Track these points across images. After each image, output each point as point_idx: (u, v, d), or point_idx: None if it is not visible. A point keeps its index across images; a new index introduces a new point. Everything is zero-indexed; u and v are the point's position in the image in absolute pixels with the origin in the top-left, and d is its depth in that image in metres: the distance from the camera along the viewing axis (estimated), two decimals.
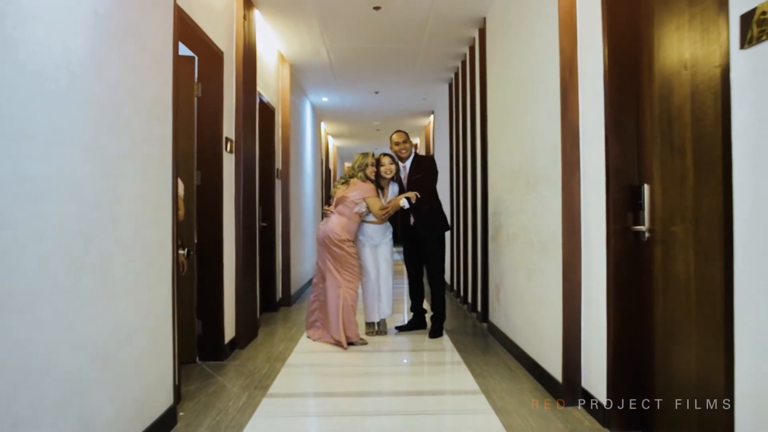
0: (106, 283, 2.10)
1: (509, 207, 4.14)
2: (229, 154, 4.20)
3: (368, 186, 4.58)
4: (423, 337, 4.75)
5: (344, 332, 4.37)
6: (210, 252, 4.00)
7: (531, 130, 3.60)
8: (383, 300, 4.78)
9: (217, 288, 4.02)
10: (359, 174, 4.61)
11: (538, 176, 3.44)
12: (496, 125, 4.64)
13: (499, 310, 4.51)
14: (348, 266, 4.49)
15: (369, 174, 4.62)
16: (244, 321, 4.41)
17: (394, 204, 4.59)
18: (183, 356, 3.85)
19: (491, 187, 4.81)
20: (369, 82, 7.54)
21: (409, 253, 4.93)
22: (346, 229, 4.52)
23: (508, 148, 4.21)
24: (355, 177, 4.61)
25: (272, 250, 6.01)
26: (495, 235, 4.63)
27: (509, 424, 2.72)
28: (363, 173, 4.60)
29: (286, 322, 5.53)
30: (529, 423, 2.74)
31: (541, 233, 3.37)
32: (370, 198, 4.53)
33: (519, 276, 3.88)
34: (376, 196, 4.58)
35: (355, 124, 10.69)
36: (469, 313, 5.82)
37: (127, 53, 2.31)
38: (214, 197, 4.01)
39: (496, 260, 4.60)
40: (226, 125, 4.13)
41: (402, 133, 4.85)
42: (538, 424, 2.71)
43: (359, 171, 4.61)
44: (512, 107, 4.08)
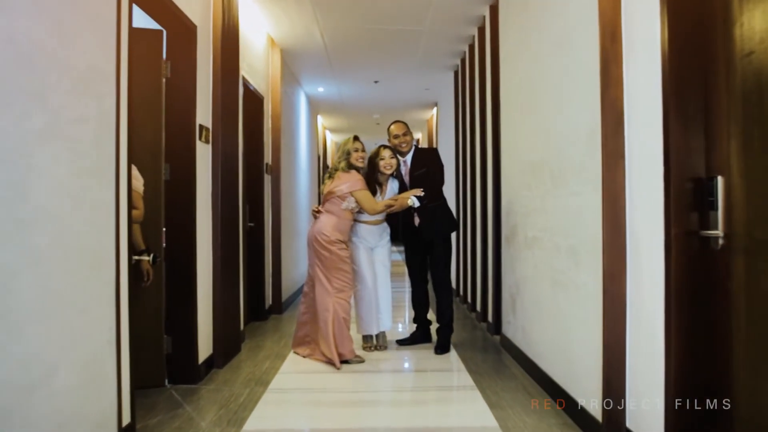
0: (5, 310, 1.54)
1: (528, 206, 3.58)
2: (205, 145, 3.64)
3: (353, 177, 3.94)
4: (428, 352, 4.19)
5: (336, 350, 3.81)
6: (181, 257, 3.44)
7: (557, 116, 3.04)
8: (382, 310, 4.22)
9: (189, 299, 3.46)
10: (341, 164, 4.02)
11: (567, 169, 2.88)
12: (512, 113, 4.08)
13: (514, 323, 3.95)
14: (339, 272, 3.90)
15: (354, 161, 3.97)
16: (224, 336, 3.85)
17: (401, 203, 4.00)
18: (148, 380, 3.30)
19: (505, 183, 4.24)
20: (368, 70, 6.97)
21: (412, 257, 4.37)
22: (337, 229, 3.94)
23: (526, 139, 3.65)
24: (339, 168, 4.00)
25: (261, 253, 5.46)
26: (510, 238, 4.07)
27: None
28: (346, 162, 4.01)
29: (275, 332, 4.97)
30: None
31: (572, 237, 2.81)
32: (358, 191, 3.90)
33: (541, 286, 3.32)
34: (365, 188, 3.93)
35: (353, 117, 10.12)
36: (479, 323, 5.27)
37: (44, 2, 1.76)
38: (185, 194, 3.45)
39: (511, 266, 4.04)
40: (201, 111, 3.57)
41: (401, 124, 4.29)
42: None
43: (342, 160, 4.03)
44: (533, 90, 3.52)
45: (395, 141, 4.24)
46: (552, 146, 3.10)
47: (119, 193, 2.22)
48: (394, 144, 4.25)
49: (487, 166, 4.89)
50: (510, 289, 4.08)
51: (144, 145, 3.24)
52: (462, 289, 6.31)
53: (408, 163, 4.25)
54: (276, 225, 5.84)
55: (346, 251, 3.94)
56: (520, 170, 3.79)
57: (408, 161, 4.26)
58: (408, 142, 4.24)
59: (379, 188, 4.17)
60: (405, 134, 4.23)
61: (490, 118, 4.71)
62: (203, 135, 3.59)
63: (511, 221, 4.04)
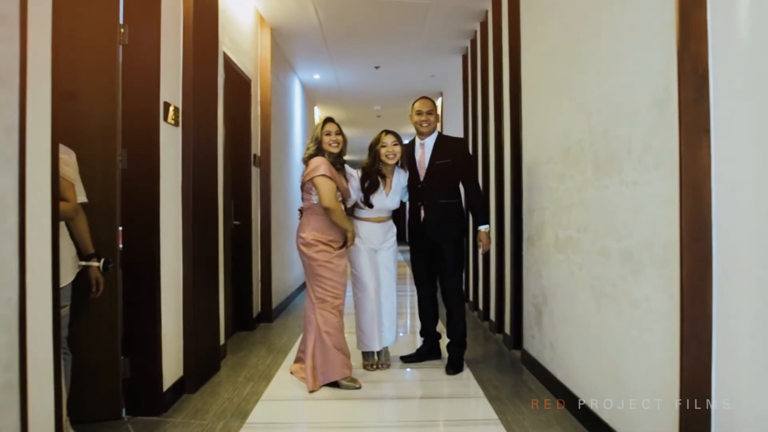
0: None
1: (560, 201, 2.99)
2: (172, 127, 3.05)
3: (314, 162, 3.29)
4: (437, 371, 3.60)
5: (314, 370, 3.25)
6: (142, 262, 2.85)
7: (604, 86, 2.44)
8: (385, 322, 3.63)
9: (152, 311, 2.86)
10: (311, 148, 3.40)
11: (618, 153, 2.28)
12: (537, 93, 3.48)
13: (539, 338, 3.36)
14: (319, 279, 3.30)
15: (327, 147, 3.34)
16: (197, 354, 3.26)
17: (350, 237, 3.40)
18: (99, 411, 2.72)
19: (528, 175, 3.64)
20: (368, 53, 6.37)
21: (419, 261, 3.76)
22: (314, 228, 3.33)
23: (558, 121, 3.05)
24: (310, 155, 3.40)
25: (248, 254, 4.86)
26: (534, 238, 3.47)
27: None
28: (316, 146, 3.39)
29: (263, 345, 4.38)
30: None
31: (626, 238, 2.21)
32: (318, 178, 3.26)
33: (578, 298, 2.73)
34: (325, 174, 3.26)
35: (352, 109, 9.52)
36: (493, 334, 4.67)
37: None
38: (147, 186, 2.85)
39: (535, 271, 3.44)
40: (168, 87, 2.98)
41: (428, 101, 3.69)
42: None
43: (313, 145, 3.41)
44: (568, 60, 2.92)
45: (417, 118, 3.64)
46: (596, 125, 2.50)
47: (25, 181, 1.62)
48: (415, 122, 3.66)
49: (504, 157, 4.29)
50: (534, 298, 3.48)
51: (92, 125, 2.65)
52: (473, 295, 5.71)
53: (427, 146, 3.65)
54: (266, 223, 5.24)
55: (330, 253, 3.32)
56: (548, 159, 3.20)
57: (427, 145, 3.66)
58: (431, 122, 3.64)
59: (383, 181, 3.57)
60: (430, 113, 3.64)
61: (508, 102, 4.11)
62: (170, 115, 2.99)
63: (535, 219, 3.44)
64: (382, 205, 3.56)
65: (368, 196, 3.51)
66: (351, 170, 3.56)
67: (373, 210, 3.55)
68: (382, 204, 3.56)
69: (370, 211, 3.55)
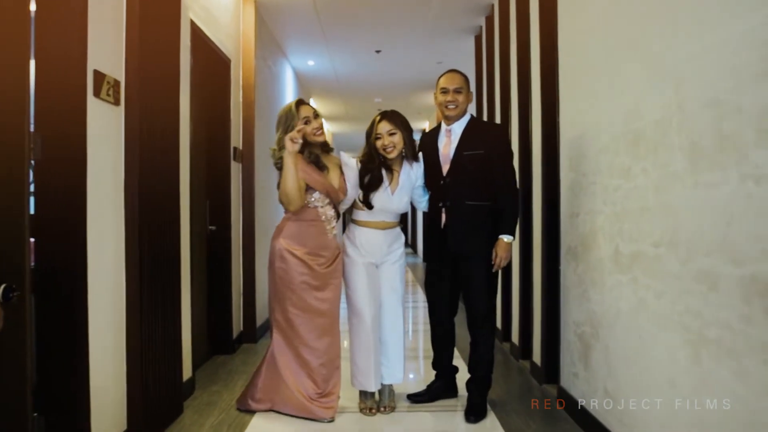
0: None
1: (623, 201, 2.25)
2: (109, 106, 2.31)
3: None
4: (455, 417, 2.86)
5: (251, 398, 2.83)
6: (61, 285, 2.12)
7: (708, 33, 1.70)
8: (391, 355, 2.90)
9: (75, 352, 2.13)
10: (278, 136, 2.73)
11: (736, 133, 1.54)
12: (582, 60, 2.74)
13: (588, 379, 2.62)
14: (278, 301, 2.74)
15: (312, 136, 2.71)
16: (147, 400, 2.52)
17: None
18: None
19: (568, 166, 2.91)
20: (368, 35, 5.62)
21: (439, 284, 2.96)
22: (287, 236, 2.73)
23: (617, 92, 2.31)
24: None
25: (227, 265, 4.12)
26: (577, 250, 2.74)
27: None
28: (283, 133, 2.70)
29: (243, 375, 3.63)
30: None
31: (754, 262, 1.47)
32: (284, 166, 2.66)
33: (657, 338, 1.98)
34: (285, 161, 2.62)
35: (351, 101, 8.77)
36: (516, 360, 3.92)
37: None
38: (69, 183, 2.12)
39: (580, 292, 2.71)
40: (100, 51, 2.24)
41: (457, 75, 2.89)
42: None
43: (281, 133, 2.72)
44: (636, 6, 2.18)
45: (442, 98, 2.87)
46: (691, 97, 1.76)
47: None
48: (440, 102, 2.89)
49: (531, 148, 3.56)
50: (577, 326, 2.75)
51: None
52: None
53: (454, 133, 2.90)
54: (248, 228, 4.51)
55: (302, 267, 2.67)
56: (602, 148, 2.46)
57: (455, 131, 2.90)
58: (459, 103, 2.85)
59: (388, 176, 2.83)
60: (459, 91, 2.85)
61: (538, 81, 3.37)
62: (104, 89, 2.25)
63: (580, 226, 2.70)
64: (387, 206, 2.83)
65: (368, 194, 2.78)
66: (346, 157, 2.84)
67: (374, 212, 2.82)
68: (387, 205, 2.83)
69: (370, 214, 2.82)
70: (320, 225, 2.72)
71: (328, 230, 2.75)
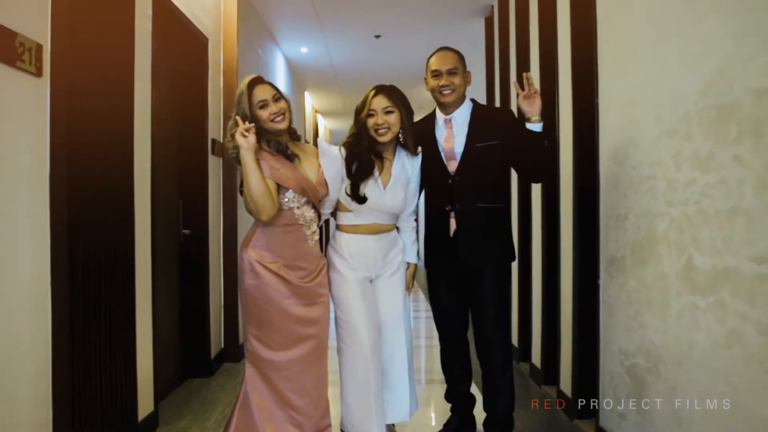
0: None
1: (700, 201, 1.70)
2: (24, 75, 1.76)
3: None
4: None
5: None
6: None
7: None
8: (397, 388, 2.32)
9: None
10: (230, 124, 2.13)
11: None
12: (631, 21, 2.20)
13: (643, 425, 2.07)
14: (249, 320, 2.16)
15: (269, 123, 2.09)
16: None
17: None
18: None
19: (611, 158, 2.36)
20: (366, 19, 5.09)
21: (447, 296, 2.44)
22: (257, 245, 2.14)
23: (687, 56, 1.77)
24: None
25: (203, 274, 3.58)
26: (624, 261, 2.20)
27: None
28: (234, 122, 2.08)
29: (218, 405, 3.09)
30: None
31: None
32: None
33: (760, 389, 1.44)
34: (244, 160, 2.02)
35: (349, 94, 8.21)
36: (539, 387, 3.37)
37: None
38: None
39: (630, 315, 2.16)
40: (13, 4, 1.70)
41: (450, 53, 2.37)
42: None
43: (232, 121, 2.09)
44: None
45: (434, 83, 2.35)
46: None
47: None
48: (432, 88, 2.37)
49: (559, 139, 3.02)
50: (626, 356, 2.20)
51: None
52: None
53: (456, 123, 2.38)
54: (230, 231, 3.96)
55: (279, 283, 2.11)
56: (665, 131, 1.91)
57: (457, 120, 2.38)
58: (456, 86, 2.33)
59: (379, 165, 2.27)
60: (452, 72, 2.32)
61: (569, 59, 2.83)
62: (17, 53, 1.71)
63: (632, 232, 2.16)
64: (378, 203, 2.24)
65: (357, 184, 2.21)
66: (326, 146, 2.29)
67: (362, 214, 2.25)
68: (378, 201, 2.23)
69: (359, 216, 2.25)
70: (298, 230, 2.16)
71: (308, 236, 2.19)
